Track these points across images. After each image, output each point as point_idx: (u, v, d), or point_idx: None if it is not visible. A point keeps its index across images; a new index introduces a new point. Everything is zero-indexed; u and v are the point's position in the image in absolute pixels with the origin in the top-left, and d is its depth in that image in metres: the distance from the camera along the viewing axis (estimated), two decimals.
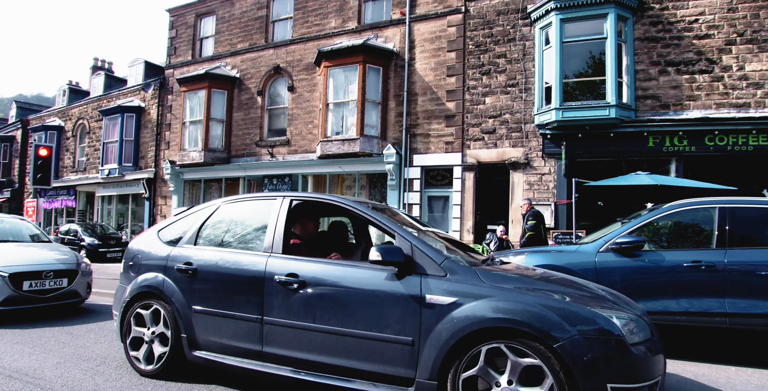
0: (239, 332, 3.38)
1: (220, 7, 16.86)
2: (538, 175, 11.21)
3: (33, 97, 66.21)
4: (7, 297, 5.88)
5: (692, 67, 10.08)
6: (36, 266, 6.25)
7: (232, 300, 3.45)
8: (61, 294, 6.37)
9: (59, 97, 25.33)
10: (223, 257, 3.66)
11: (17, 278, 5.98)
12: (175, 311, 3.67)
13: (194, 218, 4.10)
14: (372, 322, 2.92)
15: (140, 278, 3.97)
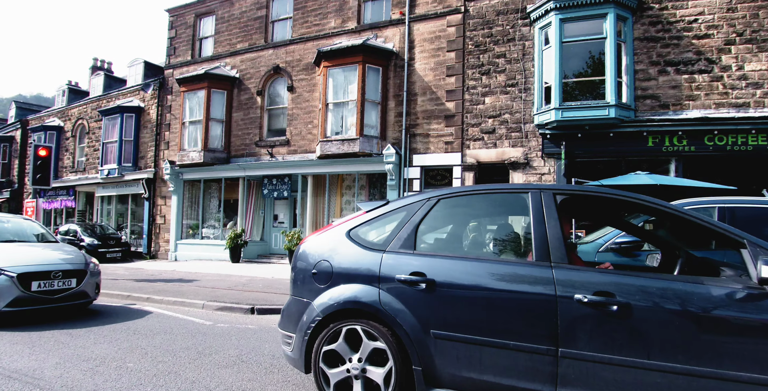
0: (514, 366, 2.60)
1: (220, 7, 16.86)
2: (538, 175, 11.21)
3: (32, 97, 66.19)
4: (16, 298, 5.75)
5: (692, 67, 10.09)
6: (44, 266, 6.12)
7: (501, 324, 2.68)
8: (70, 295, 6.25)
9: (59, 98, 25.31)
10: (473, 267, 2.84)
11: (26, 278, 5.86)
12: (403, 336, 2.84)
13: (400, 216, 3.28)
14: (750, 361, 2.24)
15: (336, 292, 3.11)
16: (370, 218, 3.38)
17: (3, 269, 5.81)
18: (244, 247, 15.00)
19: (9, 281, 5.75)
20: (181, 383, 3.77)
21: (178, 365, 4.24)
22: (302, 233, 14.09)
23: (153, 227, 18.02)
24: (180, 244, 16.87)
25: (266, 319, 6.67)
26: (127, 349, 4.77)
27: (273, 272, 12.05)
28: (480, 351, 2.69)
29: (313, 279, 3.26)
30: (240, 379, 3.89)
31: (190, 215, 17.28)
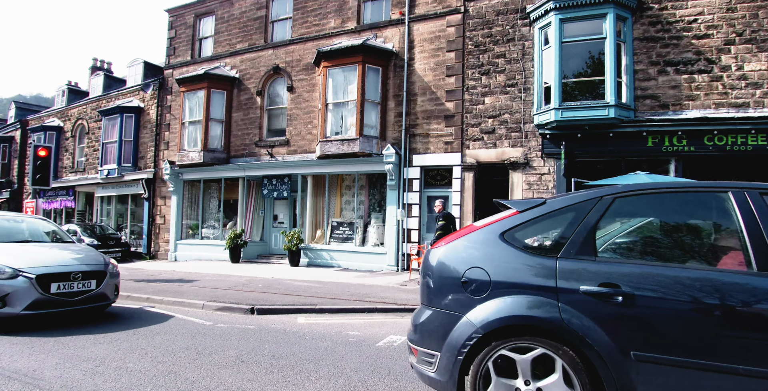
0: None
1: (220, 8, 16.86)
2: (538, 175, 11.21)
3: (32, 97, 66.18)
4: (35, 300, 5.49)
5: (691, 67, 10.09)
6: (64, 267, 5.89)
7: (727, 345, 2.25)
8: (90, 297, 6.01)
9: (58, 98, 25.31)
10: (679, 278, 2.42)
11: (45, 279, 5.61)
12: (594, 358, 2.40)
13: (568, 218, 2.90)
14: None
15: (499, 304, 2.65)
16: (528, 219, 3.01)
17: (21, 270, 5.57)
18: (244, 247, 15.00)
19: (27, 283, 5.50)
20: (181, 383, 3.76)
21: (178, 366, 4.24)
22: (302, 233, 14.09)
23: (153, 227, 18.01)
24: (180, 244, 16.87)
25: (266, 319, 6.67)
26: (126, 349, 4.77)
27: (273, 272, 12.04)
28: (698, 377, 2.27)
29: (462, 289, 2.80)
30: (240, 379, 3.89)
31: (189, 215, 17.27)
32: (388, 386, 3.80)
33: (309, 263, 13.93)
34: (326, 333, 5.73)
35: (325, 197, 14.32)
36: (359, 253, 13.10)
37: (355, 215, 13.84)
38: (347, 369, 4.21)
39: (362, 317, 6.89)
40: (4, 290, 5.41)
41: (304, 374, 4.06)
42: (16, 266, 5.58)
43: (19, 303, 5.42)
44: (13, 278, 5.48)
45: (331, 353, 4.79)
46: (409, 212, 12.70)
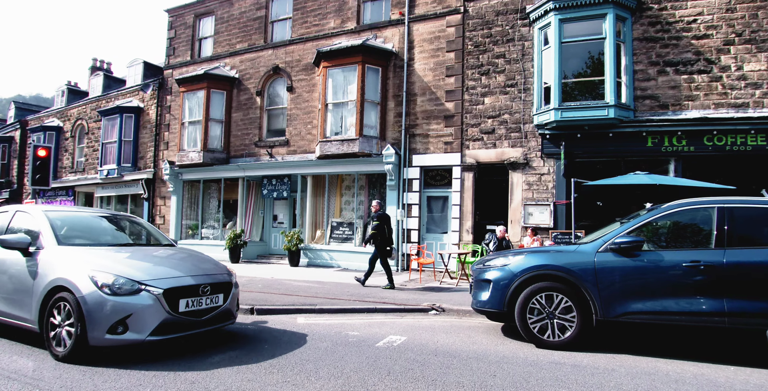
0: None
1: (219, 8, 16.86)
2: (537, 175, 11.21)
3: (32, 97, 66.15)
4: (162, 322, 4.32)
5: (691, 68, 10.10)
6: (190, 279, 4.72)
7: None
8: (217, 315, 4.87)
9: (58, 98, 25.29)
10: None
11: (173, 295, 4.44)
12: None
13: None
14: None
15: None
16: None
17: (144, 282, 4.37)
18: (244, 247, 15.00)
19: (153, 300, 4.31)
20: (181, 383, 3.76)
21: (178, 366, 4.23)
22: (302, 234, 14.08)
23: None
24: (179, 244, 16.82)
25: (266, 319, 6.66)
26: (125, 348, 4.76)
27: (272, 273, 12.04)
28: None
29: None
30: (239, 379, 3.89)
31: (189, 215, 17.27)
32: (388, 386, 3.80)
33: (309, 263, 13.93)
34: (326, 333, 5.73)
35: (325, 197, 14.32)
36: (359, 253, 13.09)
37: (355, 215, 13.84)
38: (347, 369, 4.21)
39: (362, 317, 6.89)
40: (125, 308, 4.19)
41: (303, 374, 4.06)
42: (136, 277, 4.39)
43: (145, 326, 4.23)
44: (134, 293, 4.29)
45: (330, 353, 4.79)
46: (408, 212, 12.70)
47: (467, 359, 4.64)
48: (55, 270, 4.51)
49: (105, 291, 4.23)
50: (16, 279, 4.82)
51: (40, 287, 4.53)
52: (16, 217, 5.51)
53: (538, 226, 10.98)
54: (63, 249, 4.81)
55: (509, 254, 5.69)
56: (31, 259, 4.78)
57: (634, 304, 4.78)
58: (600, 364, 4.50)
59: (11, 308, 4.82)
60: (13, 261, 4.90)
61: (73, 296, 4.27)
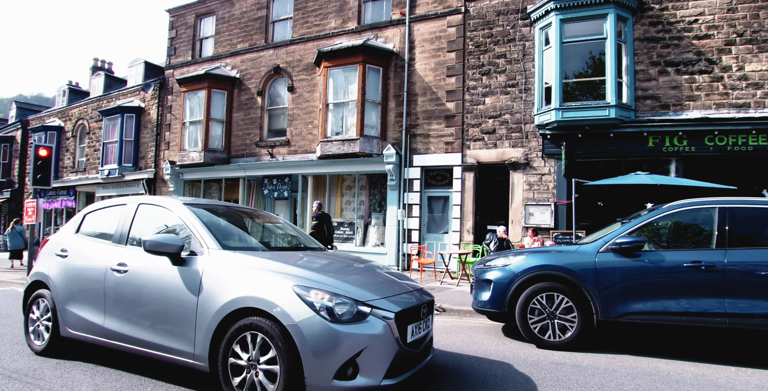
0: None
1: (220, 8, 16.87)
2: (538, 175, 11.21)
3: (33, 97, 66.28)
4: (395, 357, 3.13)
5: (692, 68, 10.09)
6: (410, 297, 3.53)
7: None
8: (429, 344, 3.78)
9: (59, 98, 25.33)
10: None
11: (401, 320, 3.23)
12: None
13: None
14: None
15: None
16: None
17: (369, 303, 3.13)
18: None
19: (385, 328, 3.07)
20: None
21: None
22: None
23: None
24: None
25: None
26: None
27: None
28: None
29: None
30: None
31: None
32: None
33: None
34: None
35: (326, 197, 14.32)
36: (360, 253, 13.08)
37: (356, 215, 13.85)
38: None
39: None
40: (356, 341, 2.95)
41: None
42: (357, 296, 3.14)
43: (378, 366, 3.02)
44: (360, 319, 3.04)
45: None
46: (409, 212, 12.70)
47: (468, 359, 4.64)
48: (233, 284, 3.22)
49: (324, 316, 2.93)
50: (164, 296, 3.49)
51: (211, 309, 3.21)
52: (142, 212, 4.25)
53: (538, 226, 10.98)
54: (231, 255, 3.43)
55: (510, 254, 5.69)
56: (185, 268, 3.48)
57: (635, 304, 4.78)
58: (600, 364, 4.50)
59: (157, 336, 3.49)
60: (158, 271, 3.59)
61: (274, 323, 2.97)
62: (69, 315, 4.19)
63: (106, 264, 3.99)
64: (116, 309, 3.81)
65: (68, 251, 4.46)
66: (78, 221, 4.78)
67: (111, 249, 4.12)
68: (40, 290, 4.59)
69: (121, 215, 4.33)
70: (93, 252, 4.25)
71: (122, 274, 3.84)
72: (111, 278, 3.90)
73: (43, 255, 4.74)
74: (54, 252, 4.57)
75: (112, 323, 3.82)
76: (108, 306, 3.87)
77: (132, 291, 3.74)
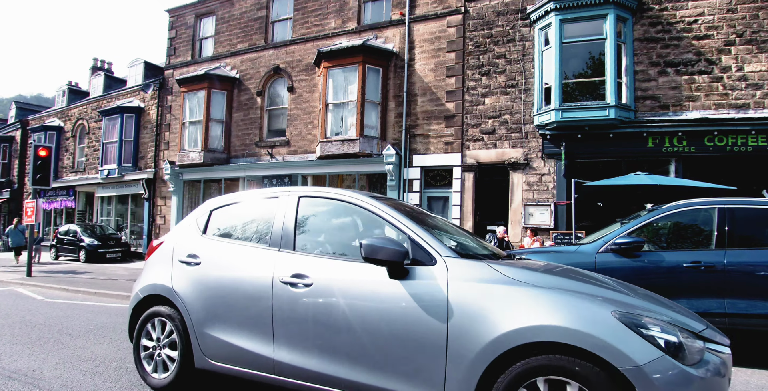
0: None
1: (220, 8, 16.87)
2: (538, 175, 11.21)
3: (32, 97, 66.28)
4: None
5: (691, 68, 10.09)
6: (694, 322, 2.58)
7: None
8: None
9: (59, 98, 25.32)
10: None
11: None
12: None
13: None
14: None
15: None
16: None
17: (703, 335, 2.39)
18: None
19: (724, 368, 2.32)
20: None
21: None
22: None
23: (153, 228, 18.01)
24: None
25: None
26: (127, 349, 4.77)
27: None
28: None
29: None
30: None
31: None
32: None
33: None
34: None
35: None
36: None
37: None
38: None
39: None
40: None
41: None
42: (690, 326, 2.41)
43: None
44: (702, 358, 2.24)
45: None
46: None
47: None
48: (506, 308, 2.36)
49: (676, 357, 2.13)
50: (385, 321, 2.60)
51: (475, 342, 2.34)
52: (307, 207, 3.30)
53: (538, 226, 10.98)
54: (481, 266, 2.59)
55: None
56: (412, 282, 2.60)
57: None
58: None
59: (373, 376, 2.61)
60: (365, 286, 2.72)
61: (595, 366, 2.13)
62: (210, 341, 3.23)
63: (270, 275, 3.03)
64: (297, 336, 2.87)
65: (200, 257, 3.47)
66: (202, 219, 3.78)
67: (270, 256, 3.13)
68: (157, 308, 3.60)
69: (274, 211, 3.35)
70: (242, 260, 3.28)
71: (302, 289, 2.88)
72: (284, 294, 2.94)
73: (157, 263, 3.74)
74: (178, 259, 3.58)
75: (290, 355, 2.86)
76: (280, 331, 2.93)
77: (324, 312, 2.78)
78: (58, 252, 17.93)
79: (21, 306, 7.42)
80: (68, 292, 9.24)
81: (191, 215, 3.91)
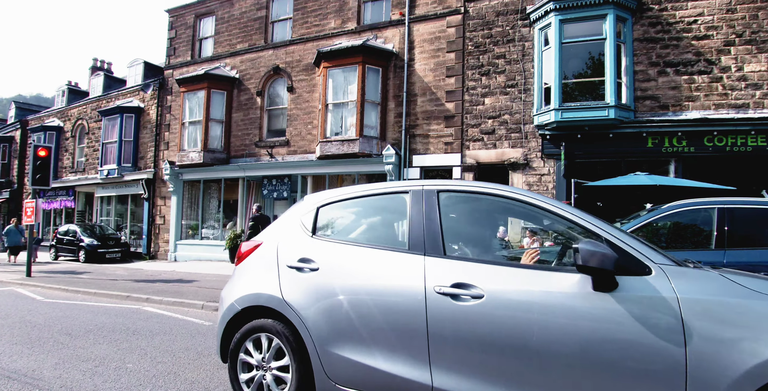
0: None
1: (220, 8, 16.87)
2: (538, 175, 11.21)
3: (32, 97, 66.28)
4: None
5: (691, 68, 10.10)
6: None
7: None
8: None
9: (58, 98, 25.31)
10: None
11: None
12: None
13: None
14: None
15: None
16: None
17: None
18: None
19: None
20: (181, 383, 3.76)
21: (178, 366, 4.23)
22: None
23: (152, 228, 18.01)
24: (179, 244, 16.86)
25: None
26: (126, 349, 4.77)
27: None
28: None
29: None
30: None
31: (189, 215, 17.27)
32: None
33: None
34: None
35: None
36: None
37: None
38: None
39: None
40: None
41: None
42: None
43: None
44: None
45: None
46: None
47: None
48: (765, 328, 1.95)
49: None
50: (594, 341, 2.14)
51: (727, 374, 1.92)
52: (450, 205, 2.85)
53: (538, 226, 10.98)
54: (709, 276, 2.20)
55: None
56: (624, 296, 2.15)
57: None
58: None
59: None
60: (560, 300, 2.25)
61: None
62: (338, 363, 2.70)
63: (419, 285, 2.53)
64: (464, 359, 2.38)
65: (316, 262, 2.93)
66: (308, 217, 3.22)
67: (414, 262, 2.63)
68: (260, 322, 3.03)
69: (406, 209, 2.85)
70: (375, 266, 2.75)
71: (469, 302, 2.39)
72: (443, 308, 2.44)
73: (256, 268, 3.19)
74: (285, 264, 3.03)
75: (456, 383, 2.37)
76: (440, 352, 2.42)
77: (505, 331, 2.29)
78: (58, 252, 17.93)
79: (21, 306, 7.42)
80: (68, 292, 9.23)
81: (292, 213, 3.35)
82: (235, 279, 3.31)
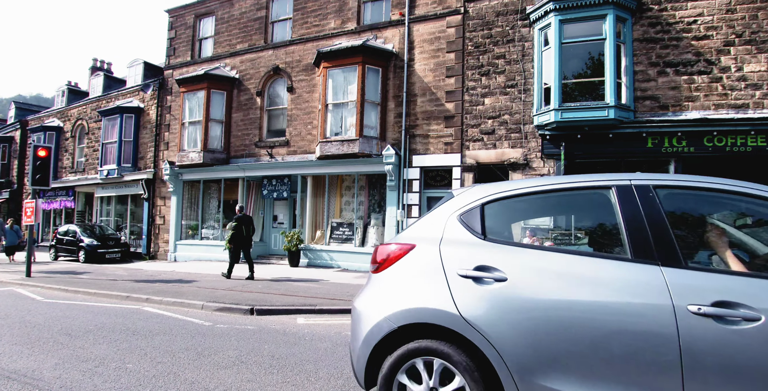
0: None
1: (220, 8, 16.87)
2: (537, 175, 11.21)
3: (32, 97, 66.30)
4: None
5: (691, 68, 10.10)
6: None
7: None
8: None
9: (58, 98, 25.31)
10: None
11: None
12: None
13: None
14: None
15: None
16: None
17: None
18: None
19: None
20: (180, 384, 3.76)
21: (178, 366, 4.23)
22: (302, 234, 14.08)
23: (152, 228, 18.00)
24: (179, 244, 16.86)
25: (265, 319, 6.66)
26: (126, 350, 4.77)
27: (272, 273, 12.04)
28: None
29: None
30: (239, 380, 3.89)
31: (189, 215, 17.27)
32: None
33: (309, 263, 13.92)
34: (326, 334, 5.72)
35: (325, 197, 14.32)
36: (359, 254, 13.09)
37: (355, 216, 13.85)
38: (347, 370, 4.20)
39: None
40: None
41: (303, 374, 4.06)
42: None
43: None
44: None
45: (330, 353, 4.78)
46: (408, 213, 12.70)
47: None
48: None
49: None
50: None
51: None
52: (671, 204, 2.48)
53: (538, 227, 10.97)
54: None
55: None
56: None
57: None
58: None
59: None
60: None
61: None
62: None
63: (664, 303, 2.08)
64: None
65: (502, 271, 2.42)
66: (472, 215, 2.70)
67: (648, 274, 2.18)
68: (426, 344, 2.51)
69: (613, 208, 2.43)
70: (588, 278, 2.27)
71: (743, 326, 1.96)
72: (706, 333, 2.00)
73: (413, 277, 2.65)
74: (457, 273, 2.51)
75: None
76: (704, 387, 1.98)
77: None
78: (58, 252, 17.92)
79: (20, 306, 7.42)
80: (68, 292, 9.23)
81: (444, 211, 2.79)
82: (380, 290, 2.73)
